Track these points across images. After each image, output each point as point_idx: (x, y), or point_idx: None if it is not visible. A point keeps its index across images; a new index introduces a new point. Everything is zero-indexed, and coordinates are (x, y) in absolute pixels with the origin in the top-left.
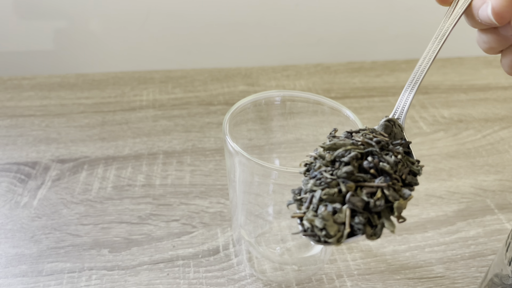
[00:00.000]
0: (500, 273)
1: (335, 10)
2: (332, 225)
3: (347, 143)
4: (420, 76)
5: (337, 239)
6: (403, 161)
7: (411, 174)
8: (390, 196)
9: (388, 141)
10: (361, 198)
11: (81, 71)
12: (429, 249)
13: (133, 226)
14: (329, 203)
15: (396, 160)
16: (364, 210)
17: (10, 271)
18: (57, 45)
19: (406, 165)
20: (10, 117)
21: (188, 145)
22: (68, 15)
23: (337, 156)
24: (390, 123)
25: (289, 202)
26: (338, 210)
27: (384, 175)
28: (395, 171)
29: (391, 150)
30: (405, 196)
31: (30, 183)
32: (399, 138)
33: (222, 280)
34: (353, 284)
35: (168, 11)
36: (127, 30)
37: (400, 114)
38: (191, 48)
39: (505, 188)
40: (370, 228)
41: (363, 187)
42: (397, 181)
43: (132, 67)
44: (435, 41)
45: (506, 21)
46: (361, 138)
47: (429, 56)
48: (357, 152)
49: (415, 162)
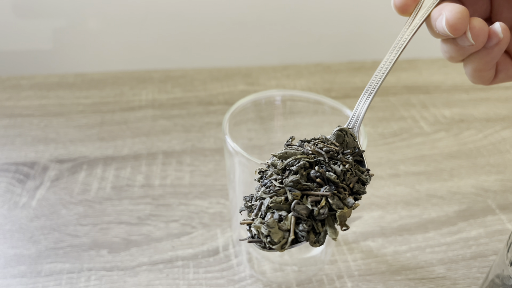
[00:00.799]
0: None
1: (335, 9)
2: (276, 232)
3: (298, 153)
4: (376, 86)
5: (281, 245)
6: (352, 170)
7: (359, 183)
8: (334, 205)
9: (338, 151)
10: (306, 206)
11: (80, 70)
12: (430, 249)
13: (132, 227)
14: (276, 211)
15: (344, 169)
16: (309, 218)
17: (8, 271)
18: (56, 44)
19: (355, 174)
20: (8, 117)
21: (187, 145)
22: (66, 15)
23: (287, 164)
24: (342, 133)
25: (241, 208)
26: (284, 217)
27: (330, 184)
28: (343, 180)
29: (340, 160)
30: (349, 205)
31: (28, 183)
32: (351, 147)
33: (222, 281)
34: (353, 285)
35: (168, 10)
36: (126, 29)
37: (355, 123)
38: (190, 47)
39: (507, 188)
40: (313, 235)
41: (308, 195)
42: (343, 190)
43: (131, 67)
44: (392, 51)
45: (461, 32)
46: (312, 147)
47: (386, 66)
48: (305, 161)
49: (365, 171)
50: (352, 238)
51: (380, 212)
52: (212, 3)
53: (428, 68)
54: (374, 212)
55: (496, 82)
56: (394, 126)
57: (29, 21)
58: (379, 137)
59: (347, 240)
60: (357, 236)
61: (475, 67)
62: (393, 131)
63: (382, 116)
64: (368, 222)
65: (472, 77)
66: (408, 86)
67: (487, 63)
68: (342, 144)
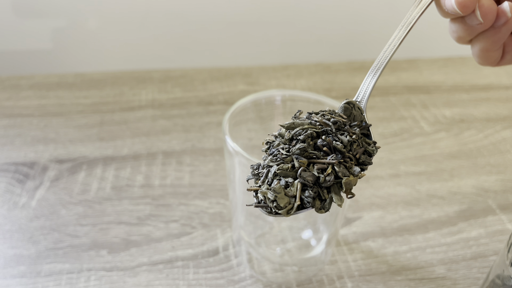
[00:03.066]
0: (501, 274)
1: (335, 9)
2: (283, 198)
3: (305, 123)
4: (383, 62)
5: (287, 210)
6: (359, 141)
7: (366, 154)
8: (340, 173)
9: (346, 122)
10: (312, 173)
11: (79, 70)
12: (430, 250)
13: (132, 227)
14: (282, 177)
15: (351, 140)
16: (315, 185)
17: (8, 272)
18: (56, 44)
19: (362, 145)
20: (8, 117)
21: (187, 145)
22: (66, 14)
23: (295, 134)
24: (349, 105)
25: (248, 177)
26: (290, 184)
27: (337, 153)
28: (349, 150)
29: (347, 131)
30: (355, 173)
31: (28, 183)
32: (359, 120)
33: (221, 281)
34: (354, 285)
35: (167, 10)
36: (126, 29)
37: (362, 99)
38: (190, 47)
39: (507, 188)
40: (319, 202)
41: (315, 163)
42: (350, 159)
43: (131, 67)
44: (401, 29)
45: (469, 10)
46: (319, 118)
47: (394, 43)
48: (312, 131)
49: (371, 143)
50: (352, 238)
51: (380, 212)
52: (212, 3)
53: (429, 68)
54: (375, 212)
55: (503, 63)
56: (394, 126)
57: (28, 21)
58: (379, 137)
59: (347, 241)
60: (357, 236)
61: (482, 47)
62: (394, 131)
63: (383, 116)
64: (368, 222)
65: (479, 58)
66: (409, 86)
67: (494, 42)
68: (350, 117)
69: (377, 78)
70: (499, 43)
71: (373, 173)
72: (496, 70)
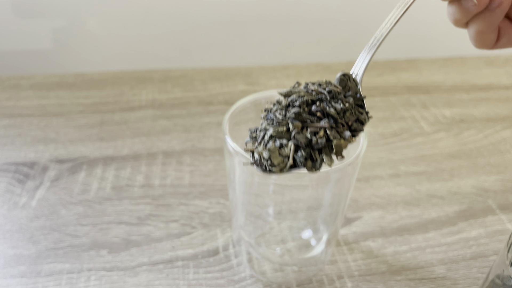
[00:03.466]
0: (501, 274)
1: (335, 9)
2: (276, 157)
3: (302, 91)
4: (379, 40)
5: (280, 168)
6: (352, 110)
7: (358, 122)
8: (332, 136)
9: (340, 92)
10: (305, 135)
11: (79, 70)
12: (430, 249)
13: (132, 227)
14: (277, 139)
15: (344, 107)
16: (307, 147)
17: (8, 272)
18: (56, 44)
19: (354, 114)
20: (8, 117)
21: (187, 145)
22: (66, 14)
23: (291, 101)
24: (345, 78)
25: (246, 140)
26: (284, 145)
27: (329, 118)
28: (342, 117)
29: (341, 99)
30: (345, 137)
31: (28, 183)
32: (353, 91)
33: (222, 281)
34: (353, 285)
35: (168, 10)
36: (126, 29)
37: (357, 74)
38: (190, 47)
39: (507, 188)
40: (311, 162)
41: (308, 127)
42: (342, 126)
43: (131, 67)
44: (399, 8)
45: None
46: (315, 87)
47: (391, 21)
48: (308, 98)
49: (364, 113)
50: (352, 238)
51: (380, 212)
52: (212, 3)
53: (428, 68)
54: (374, 212)
55: (498, 46)
56: (394, 126)
57: (28, 21)
58: (379, 137)
59: (347, 240)
60: (357, 236)
61: (478, 29)
62: (393, 131)
63: (383, 116)
64: (368, 222)
65: (475, 41)
66: (409, 86)
67: (489, 25)
68: (345, 88)
69: (372, 55)
70: (493, 25)
71: (373, 173)
72: (496, 70)
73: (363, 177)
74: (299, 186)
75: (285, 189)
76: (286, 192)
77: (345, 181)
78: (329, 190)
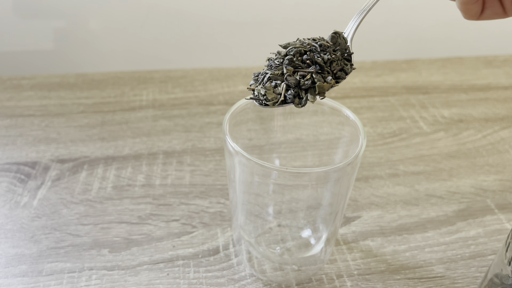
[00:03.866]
0: (500, 273)
1: (334, 9)
2: (271, 93)
3: (297, 43)
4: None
5: (273, 103)
6: (338, 61)
7: (342, 72)
8: (316, 79)
9: (330, 46)
10: (295, 78)
11: (80, 71)
12: (429, 249)
13: (133, 226)
14: (274, 80)
15: (331, 58)
16: (296, 87)
17: (10, 271)
18: (57, 45)
19: (340, 65)
20: (9, 117)
21: (188, 145)
22: (67, 15)
23: (288, 51)
24: (336, 35)
25: (251, 83)
26: (278, 85)
27: (317, 65)
28: (328, 66)
29: (329, 52)
30: (327, 81)
31: (30, 183)
32: (343, 48)
33: (222, 280)
34: (353, 284)
35: (168, 11)
36: (127, 29)
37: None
38: (191, 48)
39: (505, 188)
40: (298, 99)
41: (299, 71)
42: (328, 73)
43: (132, 67)
44: None
45: None
46: (309, 41)
47: None
48: (301, 49)
49: (349, 64)
50: (351, 237)
51: (379, 212)
52: (212, 4)
53: (427, 68)
54: (374, 212)
55: (483, 18)
56: (393, 126)
57: (30, 22)
58: (378, 137)
59: (346, 240)
60: (357, 235)
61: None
62: (392, 131)
63: (382, 116)
64: (367, 222)
65: (461, 11)
66: (407, 86)
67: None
68: (335, 44)
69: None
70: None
71: (372, 173)
72: (494, 71)
73: (362, 176)
74: (299, 185)
75: (285, 188)
76: (286, 192)
77: (345, 181)
78: (328, 189)
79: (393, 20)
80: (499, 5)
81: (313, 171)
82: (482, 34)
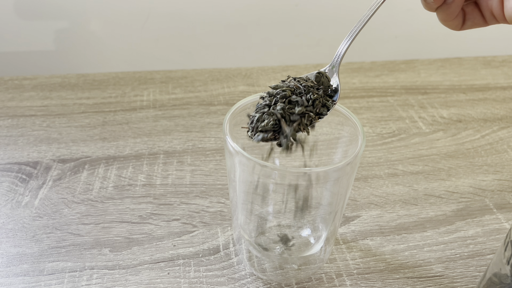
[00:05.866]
0: (498, 272)
1: (334, 10)
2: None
3: (285, 86)
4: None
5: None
6: (320, 99)
7: (325, 107)
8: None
9: (314, 86)
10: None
11: (82, 71)
12: (428, 248)
13: (134, 226)
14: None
15: (313, 98)
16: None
17: (11, 270)
18: (58, 45)
19: (322, 101)
20: (11, 117)
21: (188, 145)
22: (69, 16)
23: (276, 93)
24: (319, 75)
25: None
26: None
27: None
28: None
29: (312, 92)
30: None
31: (31, 182)
32: (326, 85)
33: (222, 279)
34: (352, 283)
35: (169, 11)
36: (128, 30)
37: (336, 61)
38: (191, 48)
39: (504, 187)
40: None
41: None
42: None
43: (132, 68)
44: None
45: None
46: (294, 83)
47: (368, 13)
48: (288, 92)
49: (330, 101)
50: (351, 237)
51: (378, 211)
52: (212, 4)
53: (426, 69)
54: (373, 211)
55: (465, 28)
56: (392, 126)
57: (31, 22)
58: (377, 137)
59: (346, 239)
60: (356, 235)
61: (441, 18)
62: (392, 131)
63: (381, 116)
64: (366, 221)
65: (444, 25)
66: (406, 86)
67: (449, 14)
68: (319, 83)
69: (350, 43)
70: (453, 15)
71: (371, 173)
72: (493, 71)
73: (362, 176)
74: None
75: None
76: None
77: (344, 181)
78: (328, 189)
79: (392, 20)
80: (480, 16)
81: (313, 171)
82: (480, 35)
